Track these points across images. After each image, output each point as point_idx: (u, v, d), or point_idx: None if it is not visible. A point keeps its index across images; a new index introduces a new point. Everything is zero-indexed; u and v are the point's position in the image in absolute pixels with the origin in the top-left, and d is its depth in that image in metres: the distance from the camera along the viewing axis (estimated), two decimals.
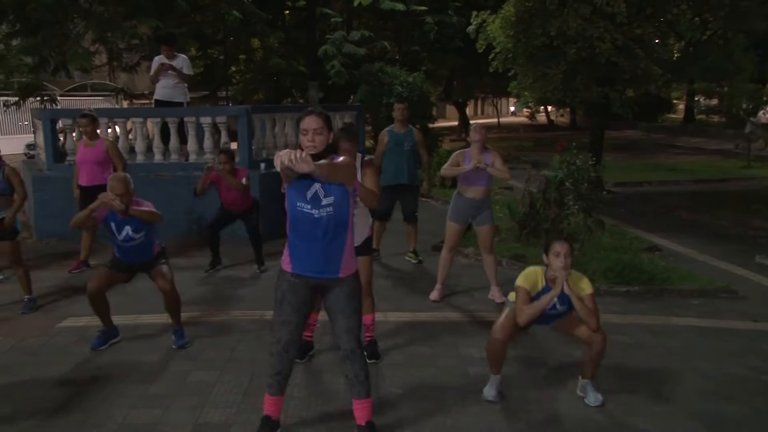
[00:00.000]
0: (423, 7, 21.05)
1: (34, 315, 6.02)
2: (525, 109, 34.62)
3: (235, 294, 6.65)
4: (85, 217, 4.94)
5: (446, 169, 6.30)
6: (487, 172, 6.10)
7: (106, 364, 4.86)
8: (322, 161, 3.20)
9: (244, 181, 7.05)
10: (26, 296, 6.14)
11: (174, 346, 5.13)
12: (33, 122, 11.35)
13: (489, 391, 4.25)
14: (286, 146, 9.72)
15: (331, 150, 3.52)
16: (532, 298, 4.04)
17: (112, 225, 4.90)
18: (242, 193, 7.12)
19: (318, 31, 20.04)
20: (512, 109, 62.05)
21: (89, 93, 30.13)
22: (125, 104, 22.91)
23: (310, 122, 3.41)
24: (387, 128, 7.87)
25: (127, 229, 4.90)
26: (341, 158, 3.38)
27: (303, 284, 3.57)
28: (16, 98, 14.04)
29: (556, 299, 4.01)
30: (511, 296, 4.25)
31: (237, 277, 7.26)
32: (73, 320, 5.83)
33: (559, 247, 3.94)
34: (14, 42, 13.64)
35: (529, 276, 4.10)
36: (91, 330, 5.41)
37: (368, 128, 16.81)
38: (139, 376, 4.63)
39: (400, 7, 19.46)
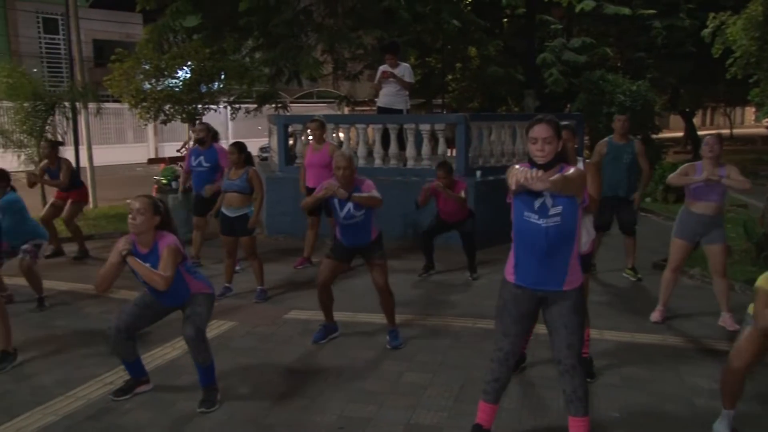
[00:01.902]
0: (651, 11, 19.88)
1: (264, 305, 6.55)
2: (766, 120, 31.34)
3: (447, 300, 6.72)
4: (313, 203, 5.31)
5: (674, 177, 5.82)
6: (720, 187, 5.57)
7: (326, 357, 5.14)
8: (556, 176, 3.14)
9: (462, 194, 7.13)
10: (259, 287, 6.71)
11: (388, 346, 5.29)
12: (268, 127, 12.37)
13: (720, 428, 3.86)
14: (502, 154, 9.68)
15: (560, 159, 3.41)
16: None
17: (335, 201, 5.13)
18: (460, 204, 7.20)
19: (537, 39, 19.75)
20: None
21: (314, 100, 32.31)
22: (347, 111, 24.24)
23: (540, 131, 3.34)
24: (606, 139, 7.54)
25: (349, 206, 5.08)
26: (572, 169, 3.28)
27: (525, 296, 3.50)
28: (255, 105, 15.42)
29: None
30: (750, 308, 3.80)
31: (449, 283, 7.35)
32: (298, 312, 6.24)
33: None
34: (256, 55, 15.00)
35: None
36: (313, 323, 5.76)
37: (586, 138, 16.21)
38: (355, 371, 4.84)
39: (626, 11, 18.55)
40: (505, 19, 22.82)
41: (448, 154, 10.05)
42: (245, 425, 4.01)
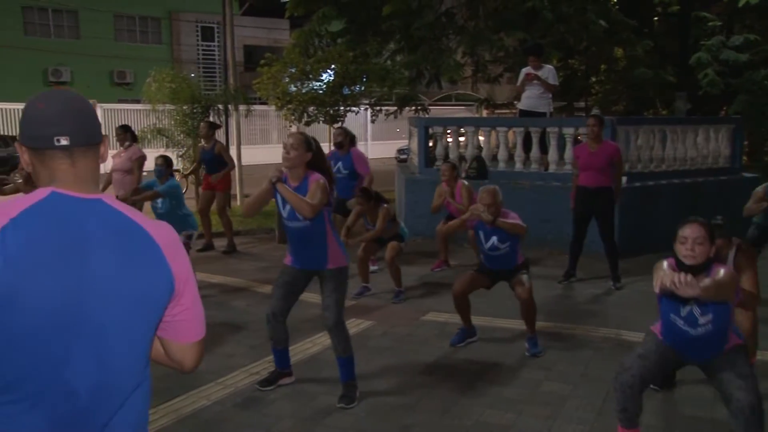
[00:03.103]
0: None
1: (401, 305, 6.60)
2: None
3: (588, 308, 6.49)
4: (457, 227, 5.33)
5: None
6: None
7: (463, 361, 5.10)
8: (706, 282, 2.96)
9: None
10: (397, 287, 6.77)
11: (527, 354, 5.17)
12: (408, 129, 12.50)
13: None
14: (650, 160, 9.22)
15: (714, 259, 3.23)
16: None
17: (481, 234, 5.14)
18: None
19: (691, 37, 18.62)
20: None
21: (453, 103, 32.32)
22: (485, 113, 24.04)
23: (693, 231, 3.17)
24: None
25: (494, 239, 5.08)
26: (722, 270, 3.09)
27: (673, 353, 3.43)
28: (395, 108, 15.64)
29: None
30: None
31: (591, 291, 7.08)
32: (435, 315, 6.24)
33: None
34: (397, 58, 15.22)
35: None
36: (450, 326, 5.74)
37: (745, 144, 15.11)
38: (493, 377, 4.77)
39: None
40: (656, 18, 21.72)
41: None
42: (383, 423, 4.05)
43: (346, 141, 7.84)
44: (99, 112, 22.40)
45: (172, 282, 1.60)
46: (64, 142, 1.51)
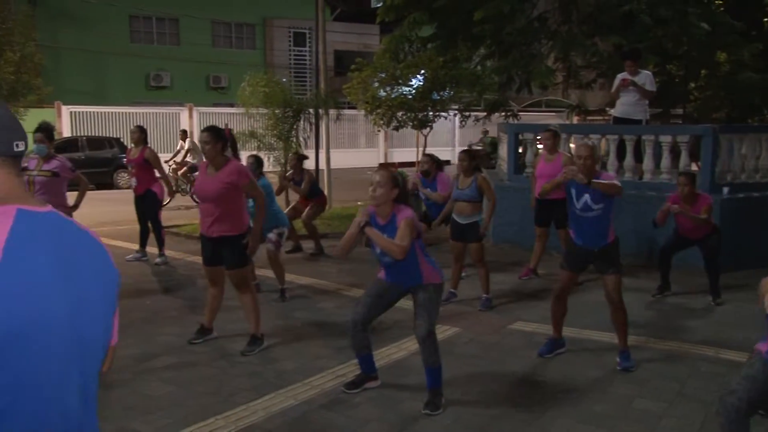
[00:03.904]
0: None
1: (489, 313, 6.53)
2: None
3: (684, 324, 6.22)
4: (551, 189, 5.23)
5: None
6: None
7: (552, 372, 4.99)
8: None
9: (702, 213, 6.52)
10: (484, 294, 6.70)
11: (618, 368, 5.00)
12: (498, 135, 12.37)
13: None
14: (756, 170, 8.76)
15: None
16: None
17: (573, 191, 4.97)
18: (702, 222, 6.61)
19: None
20: None
21: (542, 109, 31.73)
22: (575, 120, 23.50)
23: None
24: None
25: (586, 197, 4.89)
26: None
27: None
28: (484, 113, 15.51)
29: None
30: None
31: (687, 306, 6.79)
32: (522, 324, 6.14)
33: None
34: (488, 63, 15.09)
35: None
36: (538, 336, 5.63)
37: None
38: (582, 391, 4.63)
39: None
40: (766, 19, 20.66)
41: (691, 168, 9.30)
42: None
43: (433, 168, 7.92)
44: (195, 116, 23.29)
45: (118, 286, 1.59)
46: (21, 147, 1.41)
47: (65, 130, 20.70)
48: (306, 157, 9.78)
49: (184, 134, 17.26)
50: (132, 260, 8.70)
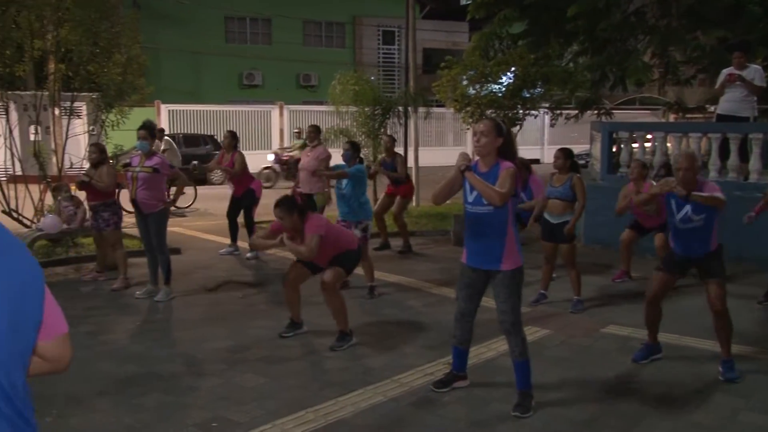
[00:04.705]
0: None
1: (580, 315, 6.35)
2: None
3: None
4: (647, 200, 5.01)
5: None
6: None
7: (647, 379, 4.80)
8: None
9: None
10: (575, 297, 6.53)
11: (721, 378, 4.75)
12: (590, 134, 12.03)
13: None
14: None
15: None
16: None
17: (672, 203, 4.77)
18: None
19: None
20: None
21: (637, 106, 30.66)
22: (672, 118, 22.58)
23: None
24: None
25: (687, 209, 4.69)
26: None
27: None
28: (576, 112, 15.11)
29: None
30: None
31: None
32: (616, 328, 5.94)
33: None
34: (580, 60, 14.69)
35: None
36: (633, 341, 5.43)
37: None
38: (681, 400, 4.43)
39: None
40: None
41: None
42: None
43: (524, 173, 7.67)
44: (285, 114, 23.78)
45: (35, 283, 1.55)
46: None
47: (164, 128, 21.55)
48: (395, 140, 9.93)
49: (161, 133, 17.03)
50: (225, 254, 8.98)
